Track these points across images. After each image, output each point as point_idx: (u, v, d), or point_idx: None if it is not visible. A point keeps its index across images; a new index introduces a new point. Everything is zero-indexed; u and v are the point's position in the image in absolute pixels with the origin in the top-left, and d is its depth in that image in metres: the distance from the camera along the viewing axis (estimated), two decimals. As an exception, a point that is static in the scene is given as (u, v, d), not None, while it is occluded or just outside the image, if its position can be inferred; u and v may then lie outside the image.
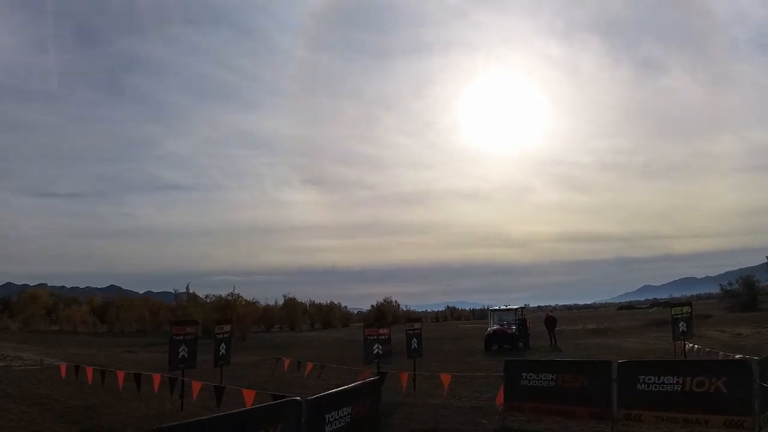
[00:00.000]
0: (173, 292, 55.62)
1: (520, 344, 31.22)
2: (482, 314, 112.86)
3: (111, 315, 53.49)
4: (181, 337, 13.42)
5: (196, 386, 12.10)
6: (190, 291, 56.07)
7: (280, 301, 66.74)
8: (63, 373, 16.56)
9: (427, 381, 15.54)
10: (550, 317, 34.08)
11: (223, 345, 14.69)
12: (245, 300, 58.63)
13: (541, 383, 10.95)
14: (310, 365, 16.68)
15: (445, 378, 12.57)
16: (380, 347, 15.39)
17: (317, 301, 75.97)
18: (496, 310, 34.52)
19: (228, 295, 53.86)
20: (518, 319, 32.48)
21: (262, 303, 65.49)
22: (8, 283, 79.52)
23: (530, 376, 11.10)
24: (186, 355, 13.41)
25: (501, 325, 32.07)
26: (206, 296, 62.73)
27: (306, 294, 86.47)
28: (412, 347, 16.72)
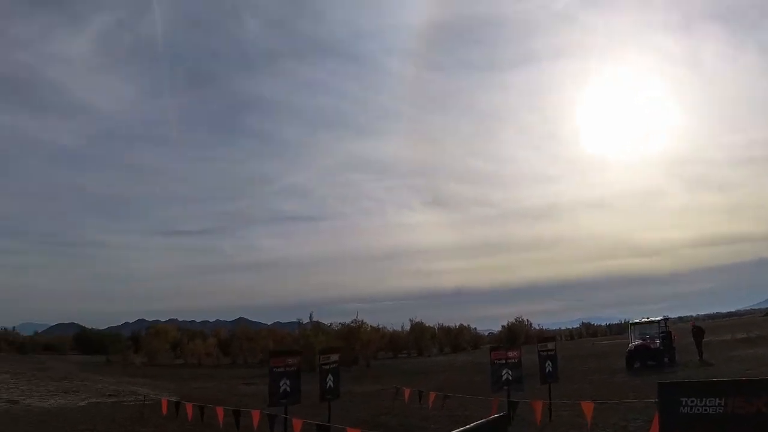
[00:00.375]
0: (297, 321, 56.37)
1: (666, 360, 28.29)
2: (619, 329, 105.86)
3: (235, 347, 54.95)
4: (282, 369, 12.75)
5: (297, 424, 11.36)
6: (314, 319, 56.56)
7: (407, 326, 65.89)
8: (164, 409, 16.39)
9: (566, 409, 13.92)
10: (697, 327, 30.67)
11: (330, 377, 13.81)
12: (370, 326, 58.54)
13: (706, 410, 9.08)
14: (432, 395, 15.54)
15: (587, 406, 10.91)
16: (510, 372, 13.98)
17: (445, 325, 74.35)
18: (636, 323, 31.62)
19: (352, 321, 53.92)
20: (662, 332, 29.49)
21: (389, 329, 65.11)
22: (140, 320, 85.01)
23: (691, 402, 9.26)
24: (288, 389, 12.71)
25: (643, 340, 29.28)
26: (330, 324, 63.53)
27: (434, 318, 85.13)
28: (546, 371, 15.15)
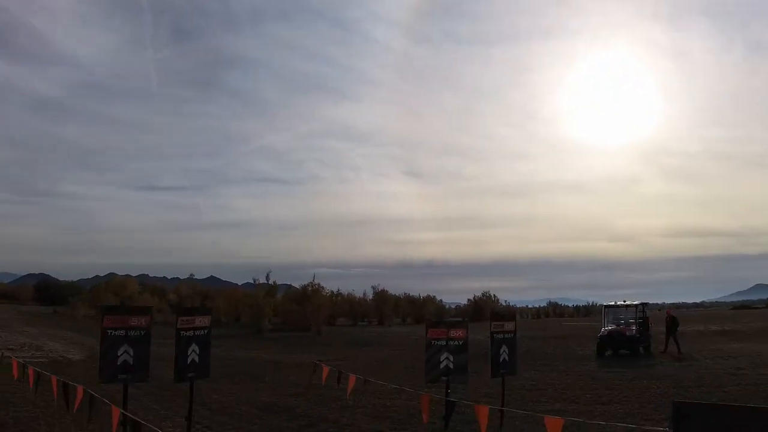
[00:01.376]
0: (254, 280, 52.34)
1: (641, 350, 25.22)
2: (586, 311, 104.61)
3: (188, 306, 51.21)
4: (124, 333, 8.84)
5: (115, 414, 7.59)
6: (270, 281, 52.68)
7: (371, 294, 62.64)
8: (15, 372, 12.44)
9: (524, 421, 10.39)
10: (672, 317, 27.40)
11: (194, 347, 9.52)
12: (330, 291, 55.01)
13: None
14: (353, 379, 11.92)
15: (553, 424, 7.14)
16: (451, 358, 10.44)
17: (411, 294, 71.21)
18: (611, 306, 28.18)
19: (308, 284, 50.36)
20: (639, 318, 26.30)
21: (358, 296, 62.03)
22: (110, 274, 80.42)
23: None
24: (131, 361, 8.83)
25: (618, 325, 26.07)
26: (288, 286, 59.90)
27: (402, 288, 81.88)
28: (501, 359, 11.49)
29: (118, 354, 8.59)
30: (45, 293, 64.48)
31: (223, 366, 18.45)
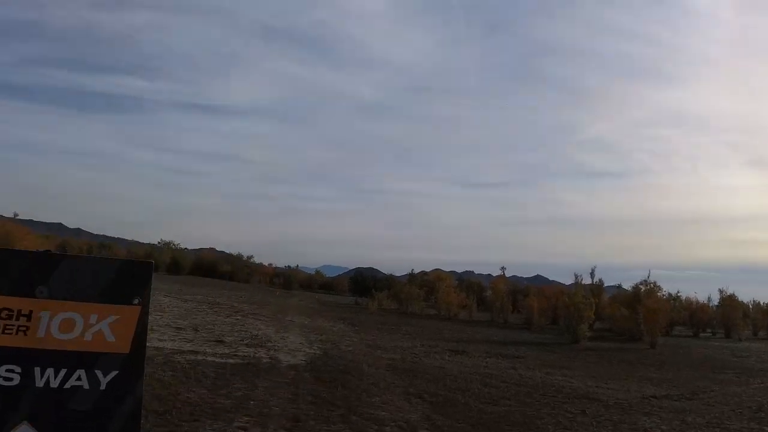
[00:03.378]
0: (575, 278, 45.74)
1: None
2: None
3: (496, 302, 46.93)
4: None
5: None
6: (595, 278, 45.53)
7: (715, 300, 50.61)
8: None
9: None
10: None
11: None
12: (668, 293, 45.36)
13: None
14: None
15: None
16: None
17: (764, 303, 56.16)
18: None
19: (640, 283, 41.60)
20: None
21: (702, 300, 51.21)
22: (436, 269, 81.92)
23: None
24: None
25: None
26: (618, 286, 51.92)
27: (749, 294, 66.07)
28: None
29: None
30: (360, 285, 66.77)
31: (511, 396, 13.04)
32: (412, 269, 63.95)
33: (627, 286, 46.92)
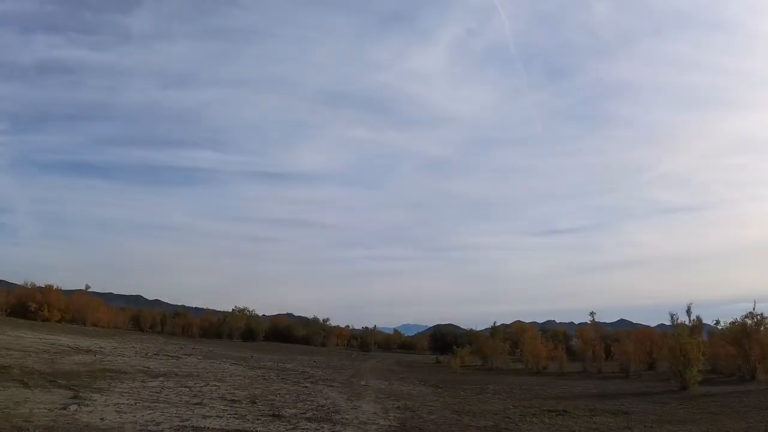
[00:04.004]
0: (671, 318, 41.92)
1: None
2: None
3: (586, 351, 43.55)
4: None
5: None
6: (692, 316, 41.55)
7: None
8: None
9: None
10: None
11: None
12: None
13: None
14: None
15: None
16: None
17: None
18: None
19: (746, 316, 37.37)
20: None
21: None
22: (516, 321, 78.76)
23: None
24: None
25: None
26: (717, 323, 47.40)
27: None
28: None
29: None
30: (441, 342, 63.69)
31: None
32: (494, 322, 61.09)
33: (725, 321, 42.69)
